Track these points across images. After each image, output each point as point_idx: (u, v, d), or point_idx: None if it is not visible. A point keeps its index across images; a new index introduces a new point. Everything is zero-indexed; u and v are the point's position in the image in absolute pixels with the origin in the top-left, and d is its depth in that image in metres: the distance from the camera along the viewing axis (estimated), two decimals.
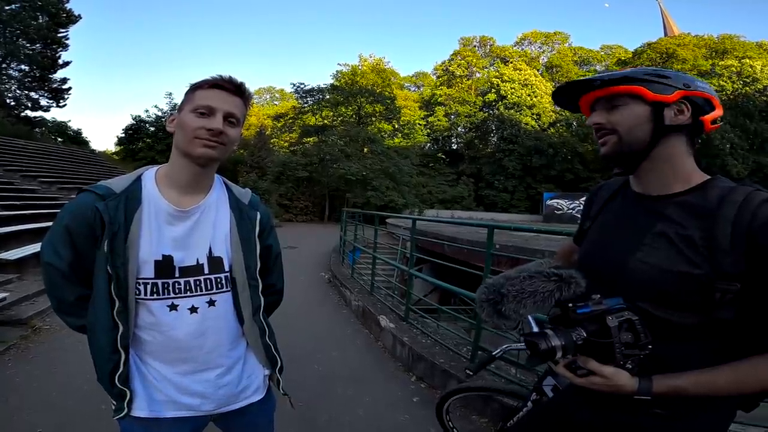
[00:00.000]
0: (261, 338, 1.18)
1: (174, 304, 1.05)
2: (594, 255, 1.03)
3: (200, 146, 1.01)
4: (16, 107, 24.98)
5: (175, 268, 1.04)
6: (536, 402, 1.63)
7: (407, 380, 3.58)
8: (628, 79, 0.89)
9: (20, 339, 4.04)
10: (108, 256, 0.98)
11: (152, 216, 1.03)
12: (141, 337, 1.06)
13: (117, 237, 0.98)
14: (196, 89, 1.04)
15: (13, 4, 21.28)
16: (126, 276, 0.99)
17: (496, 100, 38.14)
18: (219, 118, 1.01)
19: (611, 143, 0.93)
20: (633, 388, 0.83)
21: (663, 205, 0.92)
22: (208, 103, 1.01)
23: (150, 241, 1.02)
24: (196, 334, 1.07)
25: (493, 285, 0.94)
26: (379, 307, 5.12)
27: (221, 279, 1.10)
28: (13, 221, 8.40)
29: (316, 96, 32.01)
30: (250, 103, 1.12)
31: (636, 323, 0.81)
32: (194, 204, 1.07)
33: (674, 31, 44.43)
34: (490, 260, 3.30)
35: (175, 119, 1.06)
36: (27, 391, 3.04)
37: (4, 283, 5.53)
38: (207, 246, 1.08)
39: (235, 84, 1.05)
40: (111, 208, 0.99)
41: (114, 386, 1.04)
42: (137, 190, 1.04)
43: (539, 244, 9.36)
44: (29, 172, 13.48)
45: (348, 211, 10.58)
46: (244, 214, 1.15)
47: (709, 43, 38.19)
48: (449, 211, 33.54)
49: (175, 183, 1.07)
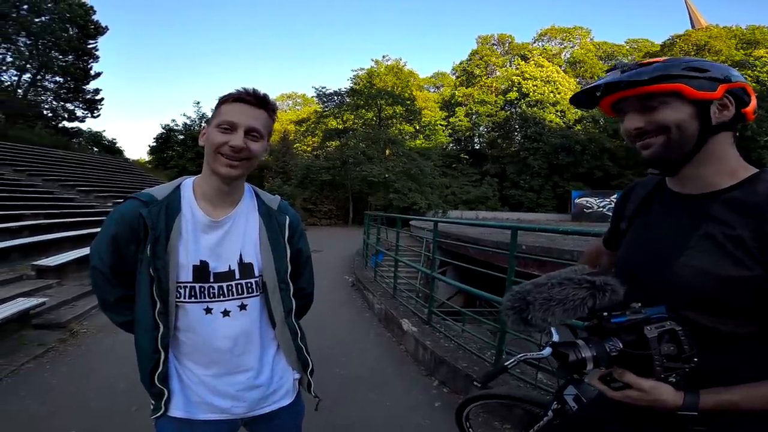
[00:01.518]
0: (293, 341, 1.21)
1: (209, 308, 1.10)
2: (633, 260, 0.96)
3: (223, 165, 1.05)
4: (54, 118, 26.36)
5: (210, 273, 1.10)
6: (557, 411, 1.57)
7: (429, 384, 3.54)
8: (664, 76, 0.79)
9: (58, 342, 4.24)
10: (150, 259, 1.04)
11: (189, 224, 1.09)
12: (179, 338, 1.11)
13: (158, 242, 1.04)
14: (221, 104, 1.08)
15: (43, 17, 22.40)
16: (167, 278, 1.05)
17: (518, 98, 37.50)
18: (240, 134, 1.04)
19: (657, 145, 0.84)
20: (677, 402, 0.77)
21: (707, 203, 0.84)
22: (230, 119, 1.04)
23: (188, 247, 1.08)
24: (228, 337, 1.11)
25: (519, 292, 0.88)
26: (402, 311, 5.09)
27: (251, 284, 1.14)
28: (54, 229, 8.87)
29: (337, 100, 32.34)
30: (275, 115, 1.14)
31: (679, 334, 0.75)
32: (225, 215, 1.12)
33: (701, 22, 42.58)
34: (514, 262, 3.23)
35: (205, 133, 1.10)
36: (63, 393, 3.18)
37: (45, 288, 5.83)
38: (238, 253, 1.13)
39: (257, 96, 1.07)
40: (153, 214, 1.05)
41: (153, 385, 1.10)
42: (177, 198, 1.10)
43: (567, 245, 9.11)
44: (67, 181, 14.18)
45: (370, 214, 10.62)
46: (273, 218, 1.19)
47: (738, 34, 36.47)
48: (474, 212, 33.16)
49: (207, 195, 1.12)
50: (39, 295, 5.38)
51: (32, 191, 11.63)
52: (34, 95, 24.64)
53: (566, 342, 0.81)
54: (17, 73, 23.52)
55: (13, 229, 7.93)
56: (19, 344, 4.06)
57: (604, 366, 0.78)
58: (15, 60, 22.88)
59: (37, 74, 24.19)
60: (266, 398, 1.18)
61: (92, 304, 5.56)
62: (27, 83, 24.14)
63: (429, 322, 4.47)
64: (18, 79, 23.74)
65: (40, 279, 6.20)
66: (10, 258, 6.82)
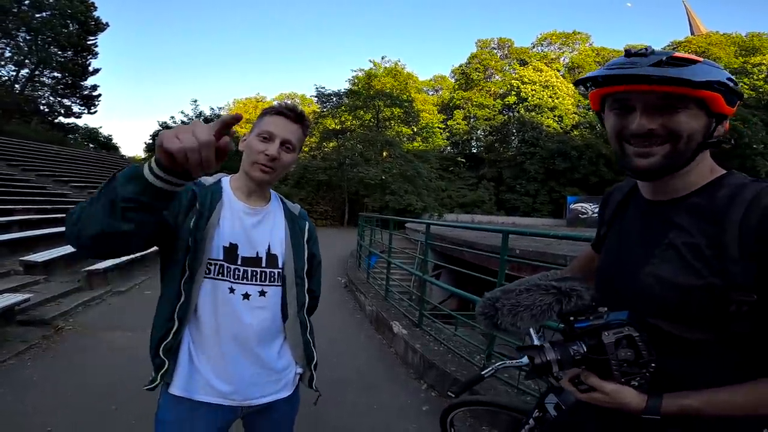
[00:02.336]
0: (303, 334, 1.31)
1: (232, 288, 1.17)
2: (608, 267, 0.95)
3: (257, 171, 1.18)
4: (50, 114, 26.15)
5: (238, 256, 1.18)
6: (538, 419, 1.55)
7: (418, 388, 3.50)
8: (711, 83, 0.72)
9: (42, 339, 4.17)
10: (192, 230, 1.12)
11: (228, 209, 1.20)
12: (199, 316, 1.15)
13: (203, 217, 1.14)
14: (264, 115, 1.22)
15: (44, 12, 22.26)
16: (202, 251, 1.12)
17: (517, 103, 37.58)
18: (276, 144, 1.17)
19: (660, 156, 0.77)
20: (639, 406, 0.76)
21: (673, 210, 0.83)
22: (270, 129, 1.17)
23: (223, 229, 1.17)
24: (244, 320, 1.17)
25: (489, 299, 0.92)
26: (393, 313, 5.06)
27: (274, 274, 1.23)
28: (44, 224, 8.77)
29: (335, 100, 32.30)
30: (308, 130, 1.28)
31: (637, 339, 0.75)
32: (260, 206, 1.26)
33: (701, 29, 42.93)
34: (505, 265, 3.21)
35: (246, 140, 1.22)
36: (43, 390, 3.13)
37: (31, 284, 5.75)
38: (267, 243, 1.24)
39: (295, 112, 1.22)
40: (202, 194, 1.17)
41: (157, 355, 1.12)
42: (218, 188, 1.22)
43: (561, 249, 9.10)
44: (61, 177, 14.08)
45: (364, 215, 10.58)
46: (295, 223, 1.33)
47: (737, 41, 36.79)
48: (469, 216, 33.16)
49: (241, 192, 1.25)
50: (25, 291, 5.31)
51: (25, 186, 11.53)
52: (32, 90, 24.49)
53: (534, 345, 0.82)
54: (15, 68, 23.37)
55: (3, 224, 7.83)
56: (2, 340, 3.99)
57: (568, 369, 0.79)
58: (14, 55, 22.75)
59: (35, 69, 24.04)
60: (267, 387, 1.22)
61: (78, 301, 5.49)
62: (24, 78, 24.00)
63: (420, 325, 4.44)
64: (16, 74, 23.59)
65: (27, 275, 6.12)
66: None
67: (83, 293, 5.91)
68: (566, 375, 0.84)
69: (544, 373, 0.80)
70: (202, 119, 1.16)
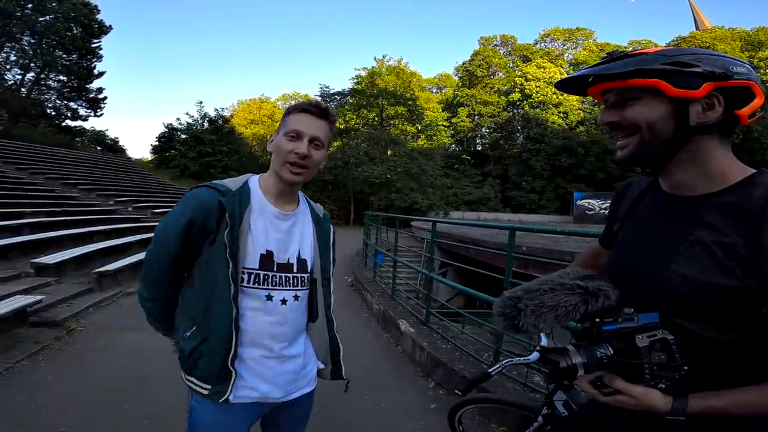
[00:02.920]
0: (329, 330, 1.35)
1: (270, 295, 1.18)
2: (624, 265, 0.92)
3: (288, 172, 1.17)
4: (57, 117, 26.40)
5: (274, 263, 1.19)
6: (547, 416, 1.54)
7: (426, 386, 3.51)
8: (640, 71, 0.74)
9: (54, 340, 4.22)
10: (228, 245, 1.10)
11: (259, 215, 1.18)
12: (240, 324, 1.15)
13: (234, 229, 1.12)
14: (289, 114, 1.21)
15: (48, 15, 22.43)
16: (239, 263, 1.13)
17: (521, 99, 37.39)
18: (305, 142, 1.15)
19: (632, 146, 0.81)
20: (666, 408, 0.75)
21: (698, 207, 0.80)
22: (297, 128, 1.16)
23: (257, 236, 1.16)
24: (282, 324, 1.19)
25: (509, 298, 0.87)
26: (400, 311, 5.07)
27: (305, 278, 1.26)
28: (54, 227, 8.87)
29: (339, 100, 32.31)
30: (334, 126, 1.27)
31: (671, 342, 0.73)
32: (291, 210, 1.25)
33: (706, 24, 42.42)
34: (512, 263, 3.20)
35: (273, 141, 1.21)
36: (56, 391, 3.17)
37: (43, 286, 5.82)
38: (297, 248, 1.24)
39: (320, 109, 1.20)
40: (230, 203, 1.13)
41: (224, 367, 1.13)
42: (247, 191, 1.19)
43: (569, 246, 9.07)
44: (69, 179, 14.21)
45: (369, 214, 10.59)
46: (321, 225, 1.34)
47: (743, 36, 36.30)
48: (475, 213, 33.08)
49: (272, 193, 1.23)
50: (37, 292, 5.37)
51: (34, 189, 11.66)
52: (38, 94, 24.73)
53: (556, 348, 0.79)
54: (21, 71, 23.61)
55: (14, 226, 7.94)
56: (15, 341, 4.05)
57: (593, 372, 0.77)
58: (19, 59, 22.98)
59: (40, 73, 24.25)
60: (296, 383, 1.26)
61: (89, 302, 5.56)
62: (31, 82, 24.23)
63: (427, 323, 4.44)
64: (22, 78, 23.84)
65: (38, 277, 6.19)
66: (9, 256, 6.82)
67: (94, 294, 5.98)
68: (585, 377, 0.80)
69: (568, 378, 0.77)
70: (206, 120, 1.18)
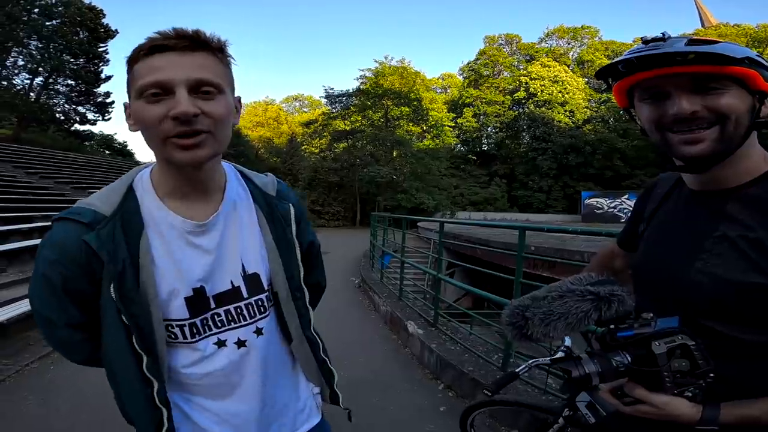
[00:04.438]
0: (314, 354, 1.01)
1: (221, 340, 0.86)
2: (649, 265, 0.88)
3: (176, 150, 0.72)
4: (66, 121, 26.68)
5: (209, 299, 0.84)
6: (569, 418, 1.50)
7: (435, 388, 3.47)
8: (735, 59, 0.68)
9: None
10: (119, 304, 0.75)
11: (163, 239, 0.80)
12: (183, 379, 0.87)
13: (124, 277, 0.75)
14: (135, 62, 0.72)
15: (54, 20, 22.66)
16: (149, 323, 0.77)
17: (526, 98, 37.23)
18: (182, 95, 0.69)
19: (710, 140, 0.71)
20: (694, 417, 0.70)
21: (723, 201, 0.77)
22: (157, 78, 0.69)
23: (170, 273, 0.80)
24: (247, 371, 0.89)
25: (517, 307, 0.83)
26: (408, 313, 5.03)
27: (262, 300, 0.90)
28: None
29: (345, 101, 32.39)
30: (225, 56, 0.78)
31: (692, 348, 0.68)
32: (212, 211, 0.84)
33: (711, 21, 41.97)
34: (522, 263, 3.15)
35: (129, 112, 0.76)
36: (65, 394, 3.17)
37: None
38: (239, 262, 0.86)
39: (186, 35, 0.71)
40: (105, 239, 0.74)
41: None
42: (133, 206, 0.79)
43: (578, 246, 8.97)
44: (79, 184, 14.34)
45: (377, 215, 10.56)
46: (274, 209, 0.92)
47: (749, 33, 35.87)
48: (482, 213, 32.95)
49: (175, 192, 0.82)
50: None
51: (44, 194, 11.78)
52: (47, 98, 24.98)
53: (570, 357, 0.75)
54: (29, 76, 23.89)
55: (24, 230, 8.01)
56: (25, 344, 4.08)
57: (610, 381, 0.73)
58: (27, 63, 23.24)
59: (48, 77, 24.50)
60: (289, 425, 0.99)
61: None
62: (39, 86, 24.49)
63: (435, 324, 4.40)
64: (30, 83, 24.11)
65: None
66: (20, 259, 6.87)
67: None
68: (606, 385, 0.77)
69: (582, 387, 0.73)
70: None
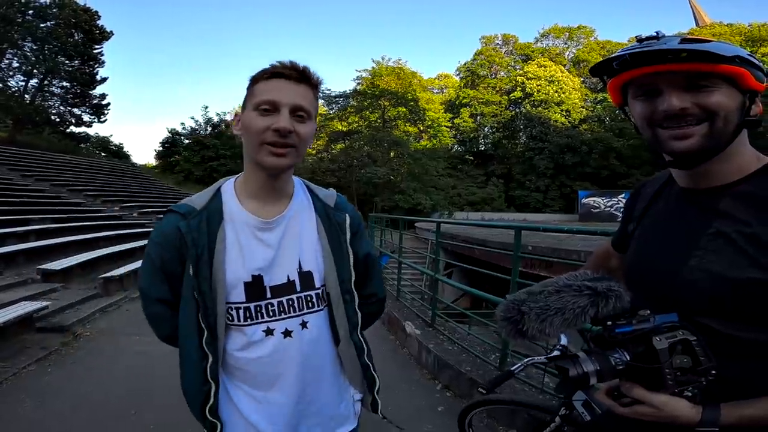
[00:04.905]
0: (359, 358, 1.07)
1: (269, 329, 0.96)
2: (641, 264, 0.89)
3: (268, 155, 0.90)
4: (61, 124, 26.51)
5: (266, 288, 0.95)
6: (565, 417, 1.51)
7: (432, 388, 3.48)
8: (726, 57, 0.69)
9: (61, 345, 4.23)
10: (194, 281, 0.90)
11: (236, 232, 0.95)
12: (232, 362, 0.98)
13: (201, 259, 0.90)
14: (255, 82, 0.93)
15: (49, 22, 22.54)
16: (214, 302, 0.92)
17: (522, 98, 37.33)
18: (285, 114, 0.89)
19: (699, 135, 0.72)
20: (694, 418, 0.69)
21: (716, 198, 0.77)
22: (271, 97, 0.89)
23: (237, 260, 0.94)
24: (291, 361, 0.97)
25: (513, 301, 0.82)
26: (405, 313, 5.04)
27: (312, 297, 1.00)
28: (60, 233, 8.92)
29: (342, 102, 32.37)
30: (318, 91, 0.98)
31: (694, 344, 0.67)
32: (278, 213, 0.98)
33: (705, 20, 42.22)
34: (519, 263, 3.17)
35: (239, 120, 0.95)
36: (63, 396, 3.17)
37: (50, 292, 5.85)
38: (296, 260, 0.98)
39: (298, 70, 0.92)
40: (193, 227, 0.92)
41: (205, 418, 0.97)
42: (218, 205, 0.96)
43: (575, 245, 9.00)
44: (75, 186, 14.31)
45: (374, 215, 10.58)
46: (332, 219, 1.04)
47: (744, 32, 36.14)
48: (479, 213, 32.98)
49: (253, 193, 0.98)
50: (43, 298, 5.39)
51: (40, 196, 11.74)
52: (42, 100, 24.83)
53: (567, 355, 0.74)
54: (24, 78, 23.74)
55: (20, 233, 7.99)
56: (22, 347, 4.07)
57: (609, 380, 0.71)
58: (22, 65, 23.10)
59: (43, 79, 24.36)
60: (322, 426, 1.04)
61: (96, 308, 5.57)
62: (34, 88, 24.34)
63: (433, 324, 4.41)
64: (25, 85, 23.98)
65: (45, 283, 6.23)
66: (16, 262, 6.86)
67: (100, 300, 6.00)
68: (603, 385, 0.76)
69: (579, 387, 0.72)
70: (210, 125, 1.03)
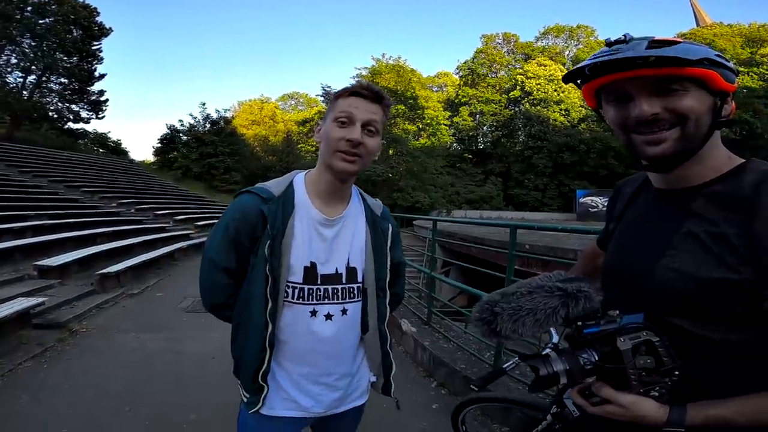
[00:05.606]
0: (382, 346, 1.24)
1: (315, 310, 1.11)
2: (617, 263, 0.89)
3: (340, 160, 1.06)
4: (59, 120, 26.40)
5: (318, 275, 1.10)
6: (556, 415, 1.53)
7: (428, 386, 3.49)
8: (692, 60, 0.69)
9: (57, 341, 4.23)
10: (268, 258, 1.05)
11: (303, 222, 1.09)
12: (279, 337, 1.11)
13: (276, 240, 1.05)
14: (337, 98, 1.10)
15: (47, 18, 22.40)
16: (279, 278, 1.06)
17: (522, 97, 37.34)
18: (358, 128, 1.05)
19: (672, 140, 0.72)
20: (661, 418, 0.69)
21: (689, 199, 0.77)
22: (348, 112, 1.05)
23: (301, 246, 1.09)
24: (327, 340, 1.12)
25: (486, 302, 0.84)
26: (401, 311, 5.05)
27: (354, 289, 1.15)
28: (57, 229, 8.89)
29: None
30: (389, 111, 1.15)
31: (657, 345, 0.68)
32: (338, 214, 1.14)
33: (706, 20, 42.28)
34: (514, 261, 3.18)
35: (321, 129, 1.12)
36: (58, 392, 3.17)
37: (46, 288, 5.84)
38: (346, 256, 1.14)
39: (373, 91, 1.09)
40: (273, 211, 1.06)
41: (255, 381, 1.10)
42: (291, 195, 1.11)
43: (572, 244, 9.03)
44: (73, 182, 14.26)
45: None
46: (377, 226, 1.20)
47: (744, 32, 36.20)
48: (478, 212, 33.02)
49: (320, 192, 1.13)
50: (40, 294, 5.39)
51: (37, 192, 11.70)
52: (40, 97, 24.69)
53: (538, 354, 0.75)
54: (22, 74, 23.61)
55: (17, 229, 7.96)
56: (18, 343, 4.07)
57: (579, 380, 0.72)
58: (20, 62, 22.97)
59: (42, 76, 24.23)
60: (343, 399, 1.20)
61: (92, 304, 5.57)
62: (32, 85, 24.21)
63: (428, 322, 4.43)
64: (23, 81, 23.84)
65: (42, 279, 6.21)
66: (13, 258, 6.83)
67: (97, 296, 5.99)
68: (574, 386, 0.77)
69: (551, 385, 0.73)
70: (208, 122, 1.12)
